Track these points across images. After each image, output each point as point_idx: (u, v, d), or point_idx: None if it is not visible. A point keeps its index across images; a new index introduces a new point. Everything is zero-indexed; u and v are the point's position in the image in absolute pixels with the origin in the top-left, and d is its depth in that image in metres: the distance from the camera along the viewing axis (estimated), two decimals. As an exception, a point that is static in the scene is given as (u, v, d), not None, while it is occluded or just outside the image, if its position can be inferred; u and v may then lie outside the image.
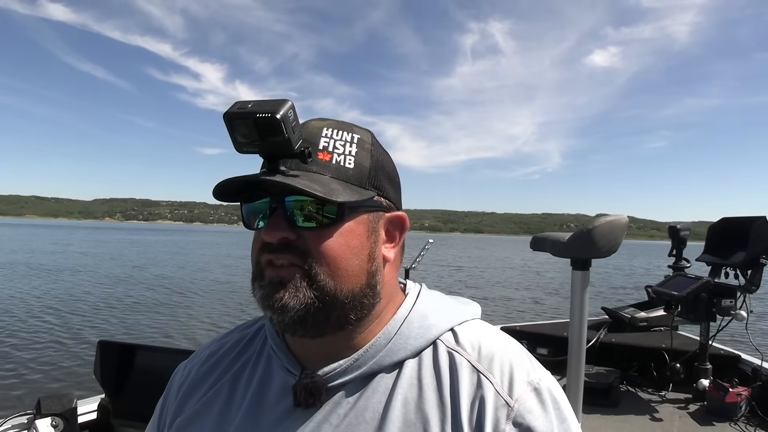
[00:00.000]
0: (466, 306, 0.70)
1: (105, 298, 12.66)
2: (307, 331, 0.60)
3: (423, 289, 0.71)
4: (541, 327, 3.48)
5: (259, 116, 0.54)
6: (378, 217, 0.64)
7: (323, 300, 0.58)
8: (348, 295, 0.60)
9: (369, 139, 0.65)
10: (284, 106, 0.54)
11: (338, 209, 0.59)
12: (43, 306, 11.26)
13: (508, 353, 0.63)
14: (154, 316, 10.66)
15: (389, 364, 0.62)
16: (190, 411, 0.68)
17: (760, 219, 2.52)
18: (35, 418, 1.86)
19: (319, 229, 0.59)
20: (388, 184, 0.66)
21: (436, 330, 0.64)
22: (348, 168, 0.62)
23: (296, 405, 0.61)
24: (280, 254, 0.59)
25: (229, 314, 11.04)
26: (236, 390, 0.68)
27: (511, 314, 11.66)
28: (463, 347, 0.63)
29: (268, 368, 0.68)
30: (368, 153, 0.64)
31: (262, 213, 0.62)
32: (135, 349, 2.09)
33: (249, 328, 0.76)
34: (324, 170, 0.60)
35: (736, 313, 2.60)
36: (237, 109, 0.55)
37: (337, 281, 0.59)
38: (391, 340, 0.63)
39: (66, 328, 9.15)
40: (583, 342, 1.79)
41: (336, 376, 0.62)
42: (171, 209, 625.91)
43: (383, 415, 0.59)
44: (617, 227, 1.73)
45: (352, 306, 0.61)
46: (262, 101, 0.55)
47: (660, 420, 2.49)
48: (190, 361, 0.76)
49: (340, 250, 0.59)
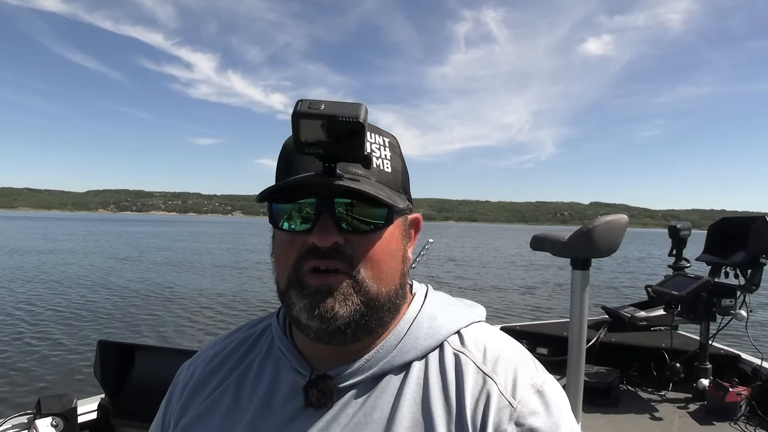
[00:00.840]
0: (472, 308, 0.71)
1: (105, 298, 12.66)
2: (346, 338, 0.60)
3: (430, 290, 0.72)
4: (541, 327, 3.48)
5: (341, 119, 0.52)
6: (406, 219, 0.66)
7: (368, 305, 0.59)
8: (386, 297, 0.61)
9: (397, 143, 0.67)
10: (363, 110, 0.53)
11: (387, 214, 0.59)
12: (43, 306, 11.26)
13: (513, 356, 0.63)
14: (154, 315, 10.66)
15: (398, 365, 0.62)
16: (196, 411, 0.68)
17: (759, 219, 2.52)
18: (35, 418, 1.86)
19: (368, 234, 0.59)
20: (408, 186, 0.69)
21: (444, 330, 0.64)
22: (387, 172, 0.63)
23: (308, 405, 0.61)
24: (328, 260, 0.57)
25: (229, 314, 11.04)
26: (243, 390, 0.67)
27: (505, 310, 11.69)
28: (469, 349, 0.63)
29: (276, 369, 0.67)
30: (399, 157, 0.66)
31: (287, 214, 0.60)
32: (135, 349, 2.10)
33: (254, 327, 0.76)
34: (369, 174, 0.61)
35: (736, 312, 2.60)
36: (312, 109, 0.52)
37: (380, 285, 0.60)
38: (401, 340, 0.63)
39: (66, 328, 9.15)
40: (583, 342, 1.79)
41: (347, 377, 0.62)
42: (164, 200, 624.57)
43: (391, 415, 0.59)
44: (617, 227, 1.73)
45: (388, 308, 0.62)
46: (336, 103, 0.53)
47: (660, 420, 2.49)
48: (194, 361, 0.76)
49: (383, 254, 0.60)
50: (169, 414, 0.73)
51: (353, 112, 0.52)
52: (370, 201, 0.58)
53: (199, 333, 9.26)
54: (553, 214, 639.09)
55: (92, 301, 12.14)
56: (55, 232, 51.30)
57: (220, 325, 9.87)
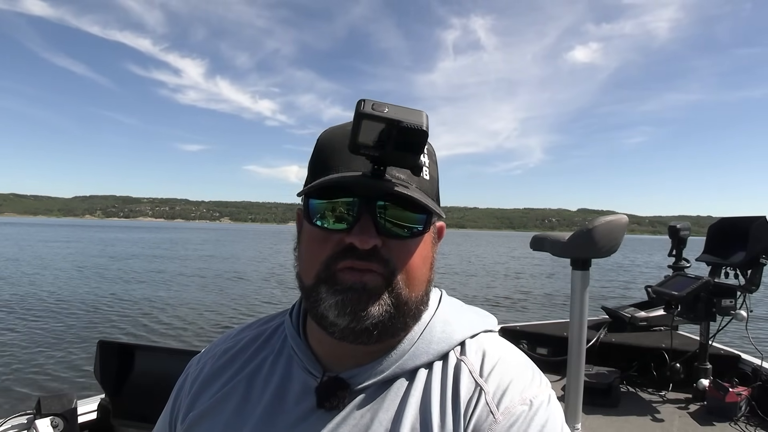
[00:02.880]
0: (484, 318, 0.71)
1: (105, 298, 12.66)
2: (371, 338, 0.59)
3: (444, 296, 0.72)
4: (541, 327, 3.48)
5: (405, 125, 0.52)
6: (435, 227, 0.66)
7: (398, 308, 0.59)
8: (414, 303, 0.61)
9: (434, 151, 0.66)
10: (426, 119, 0.53)
11: (426, 221, 0.60)
12: (43, 306, 11.26)
13: (510, 367, 0.63)
14: (153, 315, 10.65)
15: (410, 369, 0.63)
16: (204, 406, 0.68)
17: (759, 219, 2.52)
18: (35, 418, 1.86)
19: (406, 239, 0.59)
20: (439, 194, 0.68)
21: (458, 335, 0.65)
22: (426, 180, 0.63)
23: (320, 407, 0.61)
24: (366, 261, 0.57)
25: (229, 313, 11.04)
26: (253, 387, 0.67)
27: (506, 310, 11.68)
28: (469, 357, 0.64)
29: (288, 368, 0.67)
30: (436, 165, 0.66)
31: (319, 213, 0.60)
32: (135, 349, 2.10)
33: (267, 324, 0.76)
34: (411, 181, 0.60)
35: (736, 313, 2.60)
36: (376, 111, 0.52)
37: (411, 289, 0.60)
38: (414, 344, 0.63)
39: (66, 328, 9.15)
40: (583, 342, 1.79)
41: (359, 380, 0.62)
42: (152, 206, 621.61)
43: (396, 419, 0.60)
44: (617, 227, 1.73)
45: (414, 313, 0.62)
46: (400, 108, 0.53)
47: (660, 420, 2.49)
48: (204, 355, 0.76)
49: (418, 260, 0.61)
50: (177, 407, 0.73)
51: (418, 120, 0.52)
52: (411, 206, 0.58)
53: (199, 333, 9.26)
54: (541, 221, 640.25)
55: (92, 301, 12.14)
56: (49, 236, 51.23)
57: (220, 324, 9.87)
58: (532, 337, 3.30)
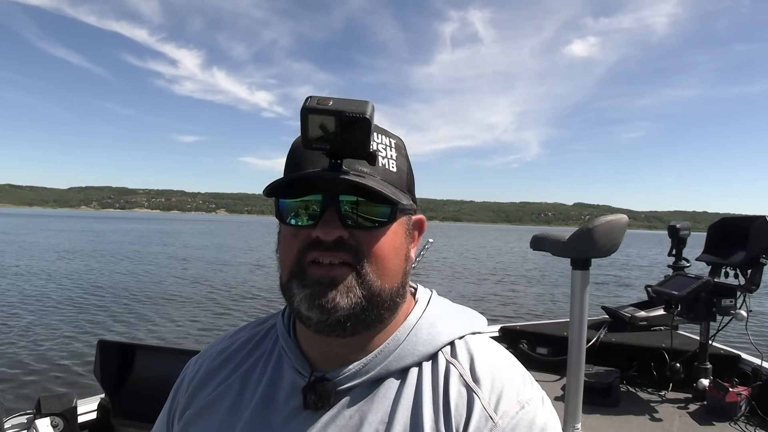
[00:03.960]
0: (472, 318, 0.71)
1: (105, 298, 12.66)
2: (346, 330, 0.60)
3: (433, 296, 0.72)
4: (541, 327, 3.48)
5: (348, 115, 0.54)
6: (409, 219, 0.67)
7: (369, 299, 0.60)
8: (388, 294, 0.62)
9: (403, 145, 0.68)
10: (369, 107, 0.55)
11: (391, 211, 0.61)
12: (42, 306, 11.26)
13: (501, 370, 0.63)
14: (154, 315, 10.66)
15: (396, 370, 0.63)
16: (199, 405, 0.70)
17: (759, 219, 2.52)
18: (35, 418, 1.86)
19: (372, 230, 0.60)
20: (413, 187, 0.70)
21: (443, 338, 0.65)
22: (392, 171, 0.64)
23: (306, 407, 0.62)
24: (332, 252, 0.58)
25: (229, 314, 11.04)
26: (247, 387, 0.69)
27: (505, 310, 11.69)
28: (458, 359, 0.64)
29: (279, 367, 0.69)
30: (405, 158, 0.67)
31: (294, 211, 0.61)
32: (135, 349, 2.10)
33: (260, 325, 0.77)
34: (374, 172, 0.62)
35: (736, 312, 2.60)
36: (320, 105, 0.54)
37: (383, 281, 0.61)
38: (399, 345, 0.64)
39: (66, 328, 9.15)
40: (583, 342, 1.79)
41: (345, 379, 0.63)
42: (148, 197, 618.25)
43: (387, 420, 0.60)
44: (617, 227, 1.73)
45: (388, 305, 0.63)
46: (344, 100, 0.55)
47: (660, 420, 2.49)
48: (201, 356, 0.78)
49: (388, 250, 0.61)
50: (175, 406, 0.75)
51: (359, 108, 0.54)
52: (374, 198, 0.59)
53: (199, 333, 9.26)
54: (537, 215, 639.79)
55: (92, 301, 12.14)
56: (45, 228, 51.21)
57: (220, 324, 9.87)
58: (532, 337, 3.30)
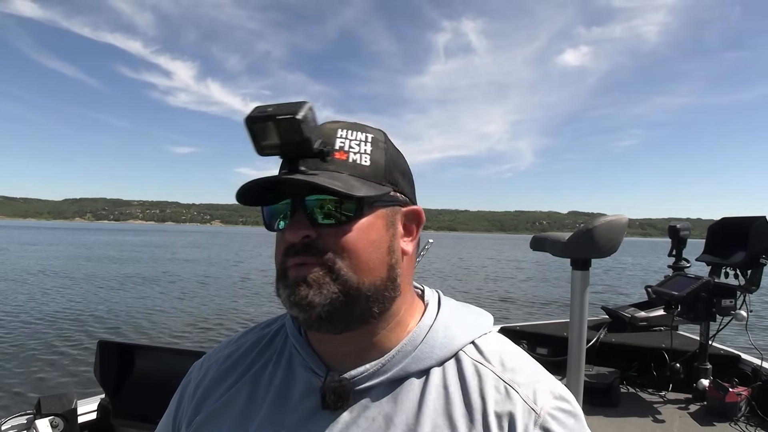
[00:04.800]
0: (482, 317, 0.72)
1: (105, 298, 12.66)
2: (334, 326, 0.61)
3: (442, 298, 0.73)
4: (541, 327, 3.48)
5: (279, 118, 0.55)
6: (395, 211, 0.66)
7: (347, 293, 0.60)
8: (371, 287, 0.61)
9: (382, 138, 0.67)
10: (303, 107, 0.56)
11: (357, 205, 0.61)
12: (43, 306, 11.26)
13: (530, 366, 0.66)
14: (154, 316, 10.65)
15: (415, 371, 0.63)
16: (209, 409, 0.69)
17: (760, 219, 2.52)
18: (35, 418, 1.86)
19: (339, 226, 0.60)
20: (403, 180, 0.68)
21: (459, 341, 0.66)
22: (365, 165, 0.63)
23: (324, 407, 0.62)
24: (303, 255, 0.60)
25: (229, 314, 11.04)
26: (258, 389, 0.68)
27: (505, 310, 11.68)
28: (488, 359, 0.65)
29: (291, 367, 0.68)
30: (383, 151, 0.66)
31: (282, 214, 0.63)
32: (135, 349, 2.09)
33: (268, 327, 0.77)
34: (342, 168, 0.62)
35: (736, 313, 2.60)
36: (259, 113, 0.56)
37: (360, 274, 0.60)
38: (417, 347, 0.64)
39: (66, 328, 9.15)
40: (583, 342, 1.79)
41: (363, 379, 0.63)
42: (142, 209, 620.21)
43: (414, 421, 0.60)
44: (617, 227, 1.73)
45: (375, 299, 0.62)
46: (282, 104, 0.57)
47: (660, 420, 2.49)
48: (207, 361, 0.76)
49: (360, 244, 0.61)
50: (181, 413, 0.73)
51: (291, 110, 0.55)
52: (339, 194, 0.59)
53: (199, 333, 9.26)
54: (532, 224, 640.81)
55: (92, 301, 12.14)
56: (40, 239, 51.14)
57: (220, 324, 9.87)
58: (532, 337, 3.30)
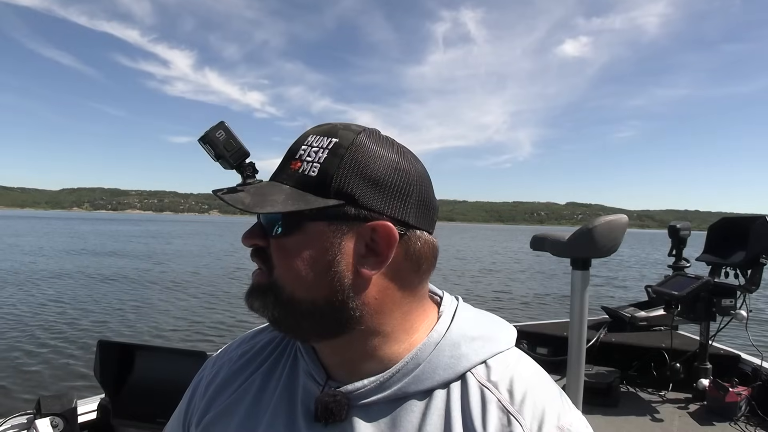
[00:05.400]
0: (501, 333, 0.66)
1: (105, 298, 12.66)
2: (294, 334, 0.64)
3: (459, 307, 0.67)
4: (541, 327, 3.48)
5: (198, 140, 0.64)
6: (345, 227, 0.58)
7: (282, 306, 0.60)
8: (309, 305, 0.59)
9: (347, 144, 0.59)
10: (211, 129, 0.64)
11: (283, 219, 0.59)
12: (42, 306, 11.26)
13: (541, 394, 0.60)
14: (154, 315, 10.66)
15: (417, 392, 0.60)
16: (219, 408, 0.69)
17: (760, 219, 2.53)
18: (35, 418, 1.86)
19: (279, 238, 0.60)
20: (372, 191, 0.58)
21: (466, 362, 0.61)
22: (310, 176, 0.58)
23: (316, 420, 0.61)
24: (254, 259, 0.63)
25: (229, 314, 11.04)
26: (266, 390, 0.68)
27: (505, 310, 11.67)
28: (495, 385, 0.60)
29: (295, 372, 0.68)
30: (339, 158, 0.58)
31: None
32: (135, 349, 2.09)
33: None
34: (288, 180, 0.60)
35: (736, 312, 2.60)
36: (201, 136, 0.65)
37: (296, 290, 0.59)
38: (419, 366, 0.60)
39: (66, 328, 9.15)
40: (583, 342, 1.79)
41: (361, 395, 0.60)
42: (140, 198, 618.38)
43: None
44: (617, 227, 1.73)
45: (320, 316, 0.59)
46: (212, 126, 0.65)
47: (660, 420, 2.49)
48: (220, 358, 0.76)
49: (296, 258, 0.58)
50: (192, 409, 0.73)
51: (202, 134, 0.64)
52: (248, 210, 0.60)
53: (200, 333, 9.26)
54: (530, 214, 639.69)
55: (92, 301, 12.14)
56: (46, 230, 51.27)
57: (220, 324, 9.87)
58: (532, 337, 3.30)
